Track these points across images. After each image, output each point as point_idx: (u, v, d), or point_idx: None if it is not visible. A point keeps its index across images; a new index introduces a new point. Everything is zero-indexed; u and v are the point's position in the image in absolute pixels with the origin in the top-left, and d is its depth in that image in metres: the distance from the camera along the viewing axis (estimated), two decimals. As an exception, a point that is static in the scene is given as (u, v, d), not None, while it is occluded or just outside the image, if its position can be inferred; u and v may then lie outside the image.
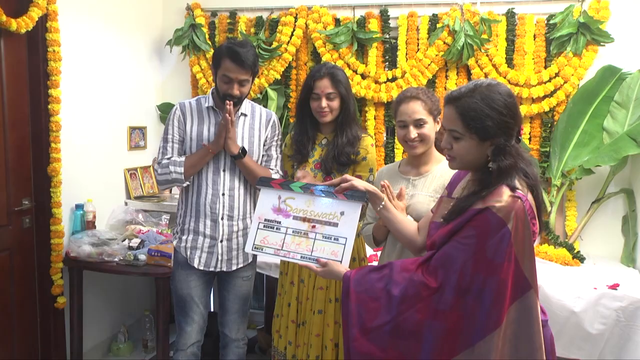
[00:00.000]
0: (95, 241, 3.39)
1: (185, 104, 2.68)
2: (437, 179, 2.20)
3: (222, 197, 2.62)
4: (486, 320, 1.55)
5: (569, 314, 2.93)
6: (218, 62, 2.51)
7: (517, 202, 1.57)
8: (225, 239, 2.64)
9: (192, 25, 4.20)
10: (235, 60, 2.44)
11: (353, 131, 2.55)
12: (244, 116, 2.67)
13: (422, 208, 2.13)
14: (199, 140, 2.61)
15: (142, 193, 4.14)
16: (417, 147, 2.20)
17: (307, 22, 4.06)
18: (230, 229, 2.65)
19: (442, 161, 2.25)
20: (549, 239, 3.64)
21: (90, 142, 3.66)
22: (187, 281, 2.67)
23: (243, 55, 2.43)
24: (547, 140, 3.76)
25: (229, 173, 2.63)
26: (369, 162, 2.56)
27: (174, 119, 2.64)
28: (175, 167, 2.57)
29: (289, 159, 2.70)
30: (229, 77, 2.49)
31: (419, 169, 2.28)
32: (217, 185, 2.62)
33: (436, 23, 3.88)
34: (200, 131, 2.62)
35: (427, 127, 2.18)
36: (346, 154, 2.51)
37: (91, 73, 3.65)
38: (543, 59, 3.76)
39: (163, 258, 3.24)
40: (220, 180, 2.62)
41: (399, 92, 3.58)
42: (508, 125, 1.62)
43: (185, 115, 2.64)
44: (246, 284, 2.76)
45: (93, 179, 3.69)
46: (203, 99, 2.69)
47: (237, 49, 2.45)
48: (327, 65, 2.61)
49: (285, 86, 4.21)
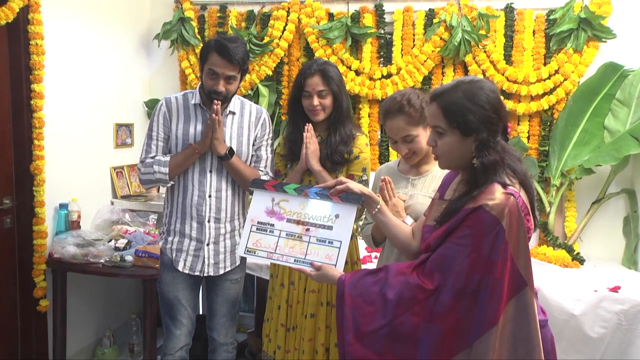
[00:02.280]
0: (80, 242, 3.36)
1: (171, 100, 2.64)
2: (437, 179, 2.19)
3: (209, 199, 2.59)
4: (483, 319, 1.55)
5: (568, 317, 2.93)
6: (205, 56, 2.48)
7: (509, 198, 1.58)
8: (212, 242, 2.62)
9: (180, 19, 4.18)
10: (222, 54, 2.41)
11: (347, 129, 2.54)
12: (232, 114, 2.63)
13: (422, 208, 2.12)
14: (185, 139, 2.58)
15: (129, 192, 4.12)
16: (411, 159, 2.22)
17: (300, 16, 4.04)
18: (217, 232, 2.62)
19: None
20: (548, 240, 3.65)
21: (75, 139, 3.63)
22: (174, 283, 2.64)
23: (231, 50, 2.40)
24: (546, 139, 3.76)
25: (215, 174, 2.60)
26: (362, 162, 2.56)
27: (159, 115, 2.61)
28: (159, 166, 2.54)
29: (281, 158, 2.69)
30: (215, 72, 2.46)
31: (419, 169, 2.28)
32: (204, 187, 2.59)
33: (432, 18, 3.89)
34: (186, 129, 2.58)
35: (417, 139, 2.16)
36: (340, 152, 2.50)
37: (76, 67, 3.61)
38: (542, 55, 3.77)
39: (150, 259, 3.22)
40: (206, 181, 2.60)
41: (394, 90, 3.78)
42: (491, 121, 1.64)
43: (171, 111, 2.61)
44: (235, 287, 2.74)
45: (78, 178, 3.66)
46: (190, 94, 2.65)
47: (225, 42, 2.42)
48: (319, 61, 2.59)
49: (277, 82, 4.20)
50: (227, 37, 2.50)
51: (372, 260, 3.37)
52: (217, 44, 2.43)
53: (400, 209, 2.14)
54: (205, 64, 2.48)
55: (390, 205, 2.13)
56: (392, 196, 2.14)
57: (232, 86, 2.51)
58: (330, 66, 2.55)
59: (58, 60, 3.43)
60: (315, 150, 2.50)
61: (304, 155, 2.50)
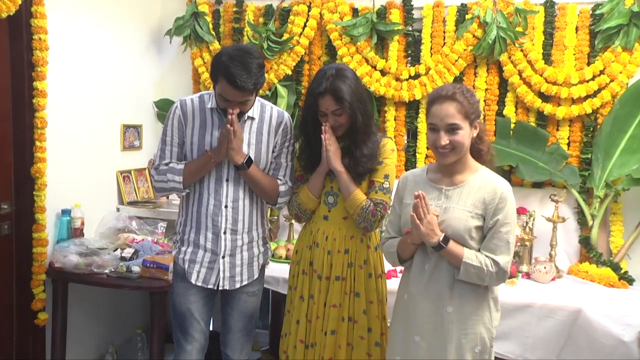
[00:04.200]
0: (84, 250, 3.32)
1: (187, 102, 2.60)
2: (474, 191, 2.15)
3: (225, 210, 2.56)
4: None
5: (616, 343, 2.77)
6: (215, 77, 2.42)
7: None
8: (227, 255, 2.59)
9: (194, 14, 4.14)
10: (233, 84, 2.34)
11: (371, 142, 2.53)
12: (252, 120, 2.59)
13: (459, 225, 2.10)
14: (200, 145, 2.55)
15: (137, 198, 4.09)
16: (448, 156, 2.14)
17: (322, 11, 4.00)
18: (233, 244, 2.60)
19: (479, 170, 2.21)
20: (591, 256, 3.53)
21: (79, 141, 3.60)
22: (186, 295, 2.62)
23: (241, 81, 2.31)
24: (589, 145, 3.65)
25: (232, 183, 2.57)
26: (385, 168, 2.54)
27: (174, 119, 2.59)
28: (173, 174, 2.53)
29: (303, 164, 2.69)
30: (226, 99, 2.42)
31: (452, 178, 2.22)
32: (220, 196, 2.56)
33: (465, 14, 3.81)
34: (202, 135, 2.56)
35: (461, 133, 2.10)
36: (365, 165, 2.50)
37: (81, 64, 3.58)
38: (586, 54, 3.66)
39: (159, 270, 3.16)
40: (222, 190, 2.57)
41: (422, 92, 3.83)
42: None
43: (187, 115, 2.57)
44: (252, 300, 2.72)
45: (82, 182, 3.63)
46: (207, 96, 2.61)
47: (235, 71, 2.31)
48: (327, 73, 2.47)
49: (297, 82, 4.15)
50: (238, 56, 2.35)
51: (397, 275, 3.28)
52: (227, 72, 2.33)
53: (435, 227, 2.06)
54: (216, 85, 2.44)
55: (424, 223, 2.05)
56: (427, 213, 2.05)
57: (246, 105, 2.49)
58: (341, 80, 2.44)
59: (62, 57, 3.39)
60: (336, 150, 2.49)
61: (324, 158, 2.49)
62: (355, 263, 2.56)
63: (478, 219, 2.12)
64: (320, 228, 2.60)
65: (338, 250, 2.55)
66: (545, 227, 3.55)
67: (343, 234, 2.56)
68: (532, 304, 2.99)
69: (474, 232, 2.11)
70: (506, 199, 2.10)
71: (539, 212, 3.57)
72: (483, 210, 2.12)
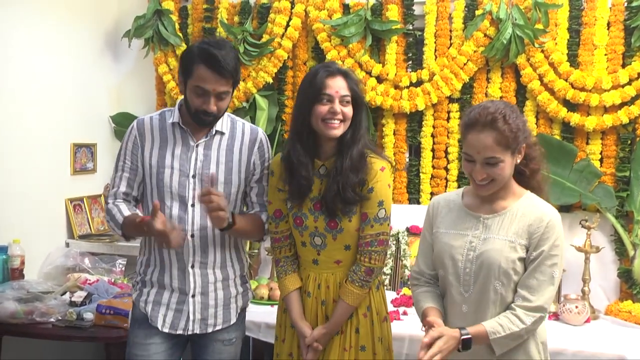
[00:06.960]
0: (23, 295, 3.19)
1: (145, 122, 2.53)
2: (517, 218, 2.11)
3: (192, 240, 2.43)
4: None
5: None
6: (189, 69, 2.33)
7: None
8: (198, 293, 2.46)
9: (157, 12, 4.07)
10: (212, 67, 2.28)
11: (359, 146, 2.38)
12: (221, 135, 2.52)
13: (499, 257, 2.05)
14: (160, 166, 2.47)
15: (90, 231, 4.04)
16: (486, 188, 2.11)
17: (307, 8, 3.94)
18: (204, 280, 2.47)
19: (523, 195, 2.17)
20: (634, 293, 3.40)
21: (20, 164, 3.53)
22: (146, 346, 2.47)
23: (222, 60, 2.27)
24: (626, 161, 3.56)
25: (199, 207, 2.43)
26: (377, 194, 2.38)
27: (129, 141, 2.54)
28: (114, 224, 2.49)
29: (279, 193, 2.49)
30: (204, 89, 2.32)
31: (493, 205, 2.18)
32: (184, 225, 2.43)
33: (474, 9, 3.75)
34: (162, 155, 2.48)
35: (502, 166, 2.05)
36: (351, 185, 2.33)
37: (23, 73, 3.53)
38: (620, 54, 3.56)
39: (117, 317, 3.04)
40: (188, 217, 2.44)
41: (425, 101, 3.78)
42: None
43: (144, 135, 2.51)
44: (228, 350, 2.57)
45: (22, 213, 3.54)
46: (168, 113, 2.55)
47: (213, 51, 2.28)
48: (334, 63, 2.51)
49: (279, 92, 4.09)
50: (212, 41, 2.39)
51: (399, 317, 3.22)
52: (203, 54, 2.30)
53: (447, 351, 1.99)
54: (190, 79, 2.35)
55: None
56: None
57: (224, 102, 2.41)
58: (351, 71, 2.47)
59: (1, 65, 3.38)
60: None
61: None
62: (357, 311, 2.40)
63: (522, 250, 2.07)
64: (310, 275, 2.46)
65: (333, 299, 2.41)
66: (575, 259, 3.40)
67: (337, 281, 2.41)
68: (562, 351, 2.84)
69: (518, 266, 2.06)
70: (554, 228, 2.06)
71: (568, 241, 3.34)
72: (527, 240, 2.07)
